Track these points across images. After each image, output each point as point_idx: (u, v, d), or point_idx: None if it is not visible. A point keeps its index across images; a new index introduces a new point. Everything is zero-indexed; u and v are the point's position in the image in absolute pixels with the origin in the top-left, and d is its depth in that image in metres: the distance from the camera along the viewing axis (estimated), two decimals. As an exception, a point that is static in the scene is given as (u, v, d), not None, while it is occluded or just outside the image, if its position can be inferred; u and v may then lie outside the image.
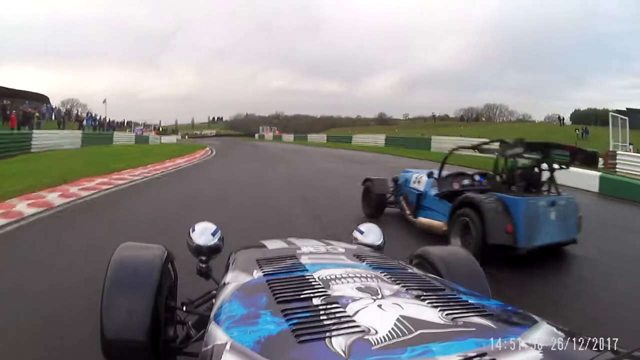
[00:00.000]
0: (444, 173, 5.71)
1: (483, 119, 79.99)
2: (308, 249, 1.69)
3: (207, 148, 25.28)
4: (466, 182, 5.66)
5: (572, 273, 4.50)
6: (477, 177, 5.71)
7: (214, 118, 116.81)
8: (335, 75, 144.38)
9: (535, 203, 4.56)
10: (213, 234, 2.01)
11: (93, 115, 35.59)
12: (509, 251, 4.39)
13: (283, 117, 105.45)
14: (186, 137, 66.66)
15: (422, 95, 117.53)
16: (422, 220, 5.62)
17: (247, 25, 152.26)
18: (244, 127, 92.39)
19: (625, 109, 46.42)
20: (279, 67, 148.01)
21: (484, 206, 4.49)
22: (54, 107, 29.88)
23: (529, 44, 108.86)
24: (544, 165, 5.06)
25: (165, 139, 45.45)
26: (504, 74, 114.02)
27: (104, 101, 32.78)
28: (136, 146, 27.22)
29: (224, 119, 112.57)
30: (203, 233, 2.00)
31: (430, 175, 5.86)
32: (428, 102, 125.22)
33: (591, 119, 47.36)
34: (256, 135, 63.53)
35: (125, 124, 47.71)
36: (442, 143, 23.48)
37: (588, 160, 5.53)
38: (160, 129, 63.80)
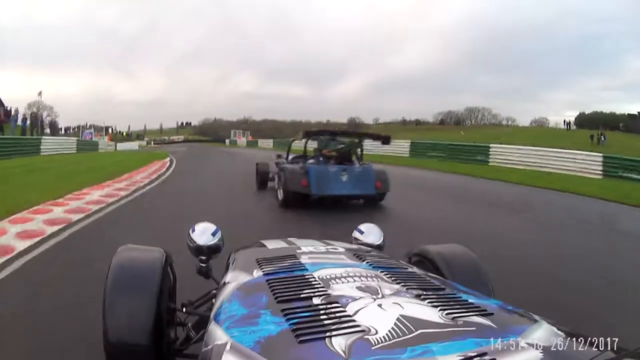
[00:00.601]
0: (291, 156, 8.70)
1: (467, 122, 76.80)
2: (308, 248, 1.67)
3: (168, 158, 18.94)
4: (310, 160, 7.98)
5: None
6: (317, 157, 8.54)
7: (182, 123, 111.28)
8: (302, 80, 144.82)
9: (326, 169, 7.29)
10: (213, 234, 1.99)
11: (34, 114, 28.09)
12: (307, 197, 6.97)
13: (251, 121, 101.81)
14: (152, 143, 60.88)
15: (390, 100, 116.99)
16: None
17: (215, 31, 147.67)
18: (212, 132, 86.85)
19: (637, 113, 42.62)
20: (246, 72, 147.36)
21: (286, 169, 7.45)
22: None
23: (499, 47, 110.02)
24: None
25: (124, 146, 38.76)
26: (474, 78, 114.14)
27: (40, 93, 25.34)
28: (68, 157, 20.20)
29: (192, 124, 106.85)
30: (203, 233, 1.98)
31: (279, 156, 9.28)
32: (396, 106, 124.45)
33: (598, 123, 43.96)
34: (227, 141, 59.05)
35: (87, 126, 40.73)
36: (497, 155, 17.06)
37: (385, 141, 8.38)
38: (124, 134, 56.79)
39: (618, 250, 5.26)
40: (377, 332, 0.83)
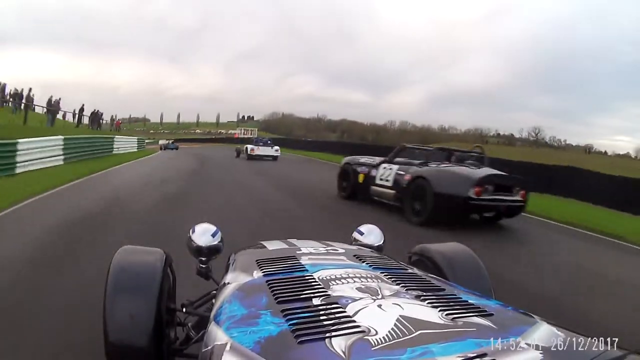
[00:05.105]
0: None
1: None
2: (308, 249, 1.66)
3: None
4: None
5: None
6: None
7: (243, 117, 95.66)
8: (359, 85, 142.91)
9: None
10: (213, 235, 1.98)
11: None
12: None
13: (326, 120, 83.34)
14: (161, 143, 44.00)
15: (443, 112, 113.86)
16: None
17: (277, 31, 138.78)
18: (283, 129, 68.35)
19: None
20: (303, 74, 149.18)
21: None
22: None
23: (556, 68, 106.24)
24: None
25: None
26: (528, 98, 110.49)
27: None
28: None
29: (255, 119, 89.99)
30: (203, 234, 1.97)
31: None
32: (451, 119, 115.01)
33: None
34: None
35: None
36: None
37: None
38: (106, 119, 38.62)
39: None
40: (377, 333, 0.83)
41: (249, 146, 22.09)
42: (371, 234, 2.13)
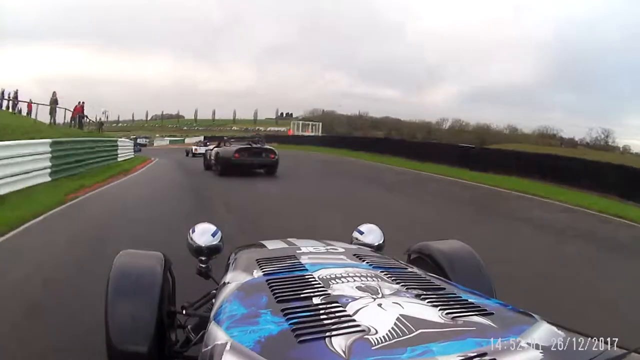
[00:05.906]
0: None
1: None
2: (308, 248, 1.66)
3: None
4: None
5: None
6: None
7: (282, 113, 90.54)
8: (388, 82, 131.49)
9: None
10: (213, 235, 1.98)
11: None
12: None
13: (367, 117, 77.45)
14: (182, 139, 46.72)
15: (469, 109, 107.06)
16: None
17: (314, 25, 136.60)
18: (325, 127, 63.42)
19: None
20: (344, 70, 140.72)
21: None
22: None
23: (583, 66, 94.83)
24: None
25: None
26: (552, 96, 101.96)
27: None
28: None
29: (294, 115, 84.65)
30: (203, 234, 1.97)
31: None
32: (478, 116, 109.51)
33: None
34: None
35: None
36: None
37: None
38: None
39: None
40: (377, 332, 0.82)
41: (193, 147, 28.25)
42: (371, 233, 2.13)
